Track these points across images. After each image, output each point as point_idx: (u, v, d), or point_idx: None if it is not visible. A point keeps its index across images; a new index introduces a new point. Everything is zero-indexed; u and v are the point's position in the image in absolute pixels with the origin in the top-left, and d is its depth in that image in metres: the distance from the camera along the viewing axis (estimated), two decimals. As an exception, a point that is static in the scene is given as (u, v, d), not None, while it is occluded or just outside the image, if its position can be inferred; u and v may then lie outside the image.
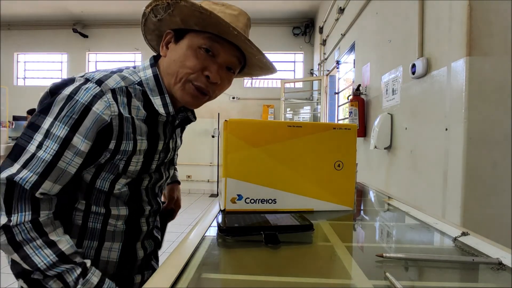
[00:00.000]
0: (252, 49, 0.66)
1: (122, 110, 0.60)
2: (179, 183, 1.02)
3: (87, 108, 0.57)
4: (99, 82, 0.60)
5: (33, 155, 0.55)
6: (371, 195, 1.04)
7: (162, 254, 0.94)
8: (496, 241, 0.51)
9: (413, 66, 1.57)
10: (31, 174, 0.54)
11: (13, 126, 4.95)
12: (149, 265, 0.81)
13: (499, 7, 1.15)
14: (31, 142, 0.56)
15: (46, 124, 0.57)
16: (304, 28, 5.86)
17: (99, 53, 6.35)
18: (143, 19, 0.67)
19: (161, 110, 0.66)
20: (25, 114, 4.36)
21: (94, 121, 0.57)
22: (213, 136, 5.85)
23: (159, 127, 0.70)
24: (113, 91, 0.60)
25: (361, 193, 1.04)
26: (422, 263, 0.44)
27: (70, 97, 0.58)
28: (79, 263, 0.57)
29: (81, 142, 0.57)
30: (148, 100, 0.66)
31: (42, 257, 0.54)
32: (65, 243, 0.57)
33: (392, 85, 1.94)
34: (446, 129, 1.31)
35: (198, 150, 5.81)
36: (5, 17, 5.99)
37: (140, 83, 0.66)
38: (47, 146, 0.55)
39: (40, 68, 6.82)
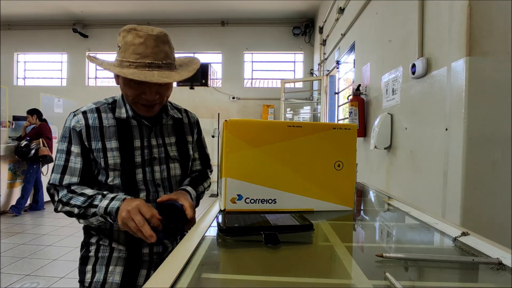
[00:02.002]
0: (164, 65, 0.84)
1: (90, 122, 0.89)
2: (187, 191, 0.95)
3: (69, 128, 0.89)
4: (76, 111, 0.92)
5: (55, 165, 0.90)
6: (371, 195, 1.04)
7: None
8: (496, 241, 0.51)
9: (413, 66, 1.57)
10: (55, 174, 0.88)
11: (13, 126, 4.95)
12: (160, 242, 0.93)
13: (499, 7, 1.15)
14: (56, 159, 0.91)
15: (58, 146, 0.91)
16: (304, 28, 5.86)
17: (99, 53, 6.35)
18: (96, 64, 0.93)
19: (123, 115, 0.91)
20: (25, 114, 4.36)
21: (73, 133, 0.89)
22: (213, 136, 5.85)
23: (133, 129, 0.92)
24: (84, 112, 0.91)
25: (361, 193, 1.04)
26: (422, 263, 0.44)
27: (64, 127, 0.92)
28: (99, 193, 0.83)
29: (73, 148, 0.88)
30: (115, 113, 0.93)
31: (77, 201, 0.83)
32: (89, 190, 0.85)
33: (392, 85, 1.94)
34: (446, 129, 1.31)
35: (198, 150, 5.80)
36: (5, 17, 5.98)
37: (113, 103, 0.94)
38: (60, 157, 0.89)
39: (40, 68, 6.82)
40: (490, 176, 1.16)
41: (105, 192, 0.84)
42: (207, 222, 0.61)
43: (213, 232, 0.57)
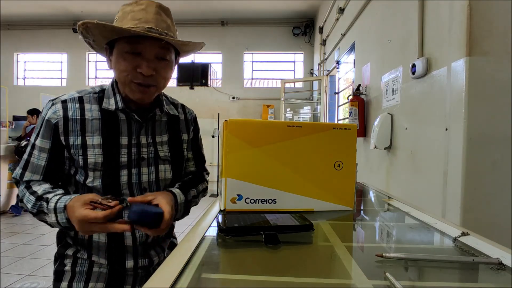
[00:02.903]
0: (166, 36, 0.74)
1: (70, 113, 0.78)
2: (173, 194, 0.83)
3: (43, 119, 0.79)
4: (54, 99, 0.80)
5: (22, 159, 0.80)
6: (371, 195, 1.04)
7: (162, 254, 0.93)
8: (496, 241, 0.51)
9: (413, 66, 1.57)
10: (18, 169, 0.80)
11: (13, 126, 4.95)
12: (146, 254, 0.85)
13: (499, 7, 1.15)
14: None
15: (31, 139, 0.81)
16: (304, 28, 5.86)
17: (99, 53, 6.35)
18: (89, 45, 0.81)
19: (111, 107, 0.80)
20: (25, 114, 4.37)
21: (45, 125, 0.78)
22: (213, 136, 5.85)
23: (121, 124, 0.81)
24: (63, 101, 0.79)
25: (361, 193, 1.04)
26: (422, 263, 0.44)
27: (40, 116, 0.81)
28: (45, 197, 0.73)
29: (41, 142, 0.78)
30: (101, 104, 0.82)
31: (29, 201, 0.75)
32: (41, 189, 0.75)
33: (392, 85, 1.94)
34: (446, 129, 1.31)
35: (198, 150, 5.80)
36: (5, 17, 5.98)
37: (100, 92, 0.83)
38: (27, 150, 0.80)
39: (40, 68, 6.81)
40: (490, 176, 1.16)
41: (48, 196, 0.72)
42: (207, 222, 0.61)
43: (213, 232, 0.57)
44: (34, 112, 4.28)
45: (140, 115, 0.82)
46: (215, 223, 0.60)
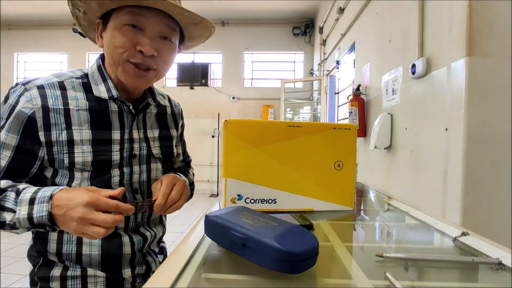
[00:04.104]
0: (174, 7, 0.63)
1: (50, 102, 0.64)
2: (176, 173, 0.82)
3: (13, 107, 0.63)
4: (26, 83, 0.65)
5: None
6: (371, 195, 1.04)
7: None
8: (496, 241, 0.51)
9: (413, 66, 1.57)
10: None
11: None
12: (143, 261, 0.78)
13: (499, 7, 1.15)
14: None
15: None
16: (304, 28, 5.86)
17: (99, 53, 6.35)
18: (75, 19, 0.70)
19: (103, 95, 0.68)
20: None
21: (15, 116, 0.62)
22: (213, 136, 5.85)
23: (112, 116, 0.69)
24: (40, 87, 0.64)
25: (361, 193, 1.04)
26: (422, 263, 0.44)
27: (5, 102, 0.65)
28: (11, 189, 0.58)
29: (5, 136, 0.62)
30: (92, 91, 0.68)
31: None
32: (4, 183, 0.59)
33: (392, 85, 1.94)
34: (446, 129, 1.31)
35: (198, 150, 5.80)
36: (6, 17, 5.99)
37: (83, 77, 0.70)
38: None
39: (40, 68, 6.81)
40: (490, 176, 1.16)
41: (20, 187, 0.58)
42: (207, 222, 0.61)
43: (213, 232, 0.57)
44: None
45: (133, 104, 0.72)
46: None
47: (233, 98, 6.07)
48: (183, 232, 3.41)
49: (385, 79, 2.05)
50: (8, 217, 0.56)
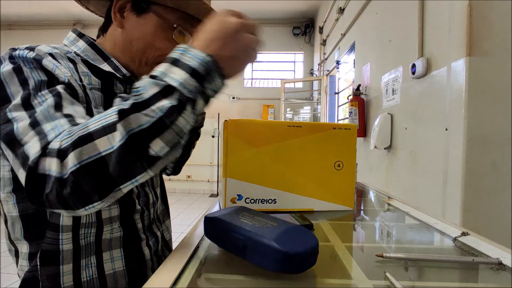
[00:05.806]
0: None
1: (70, 75, 0.50)
2: None
3: (43, 68, 0.47)
4: (30, 48, 0.49)
5: (35, 121, 0.46)
6: (371, 195, 1.04)
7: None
8: (496, 241, 0.51)
9: (413, 66, 1.57)
10: (51, 124, 0.46)
11: (13, 126, 4.96)
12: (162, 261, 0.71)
13: (499, 7, 1.15)
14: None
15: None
16: (304, 28, 5.86)
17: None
18: None
19: (118, 72, 0.59)
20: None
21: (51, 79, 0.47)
22: (213, 136, 5.85)
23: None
24: (51, 55, 0.50)
25: (361, 193, 1.04)
26: (422, 263, 0.44)
27: (17, 73, 0.45)
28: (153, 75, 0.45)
29: (61, 89, 0.49)
30: (95, 68, 0.58)
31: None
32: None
33: (392, 85, 1.94)
34: (446, 129, 1.31)
35: (198, 150, 5.78)
36: (6, 17, 5.99)
37: (73, 52, 0.58)
38: (41, 101, 0.46)
39: (40, 68, 6.81)
40: (490, 176, 1.16)
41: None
42: (207, 222, 0.61)
43: (213, 232, 0.57)
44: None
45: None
46: (215, 223, 0.60)
47: (233, 98, 6.07)
48: (183, 232, 3.41)
49: (385, 79, 2.05)
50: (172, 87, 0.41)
